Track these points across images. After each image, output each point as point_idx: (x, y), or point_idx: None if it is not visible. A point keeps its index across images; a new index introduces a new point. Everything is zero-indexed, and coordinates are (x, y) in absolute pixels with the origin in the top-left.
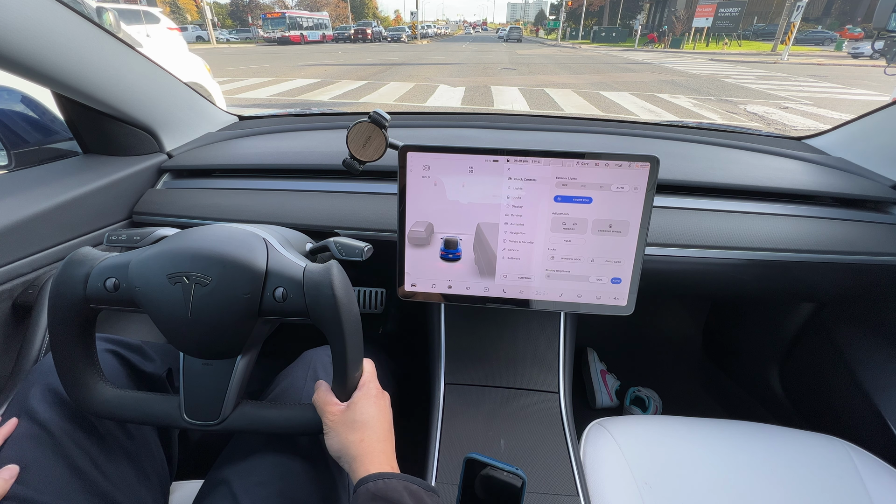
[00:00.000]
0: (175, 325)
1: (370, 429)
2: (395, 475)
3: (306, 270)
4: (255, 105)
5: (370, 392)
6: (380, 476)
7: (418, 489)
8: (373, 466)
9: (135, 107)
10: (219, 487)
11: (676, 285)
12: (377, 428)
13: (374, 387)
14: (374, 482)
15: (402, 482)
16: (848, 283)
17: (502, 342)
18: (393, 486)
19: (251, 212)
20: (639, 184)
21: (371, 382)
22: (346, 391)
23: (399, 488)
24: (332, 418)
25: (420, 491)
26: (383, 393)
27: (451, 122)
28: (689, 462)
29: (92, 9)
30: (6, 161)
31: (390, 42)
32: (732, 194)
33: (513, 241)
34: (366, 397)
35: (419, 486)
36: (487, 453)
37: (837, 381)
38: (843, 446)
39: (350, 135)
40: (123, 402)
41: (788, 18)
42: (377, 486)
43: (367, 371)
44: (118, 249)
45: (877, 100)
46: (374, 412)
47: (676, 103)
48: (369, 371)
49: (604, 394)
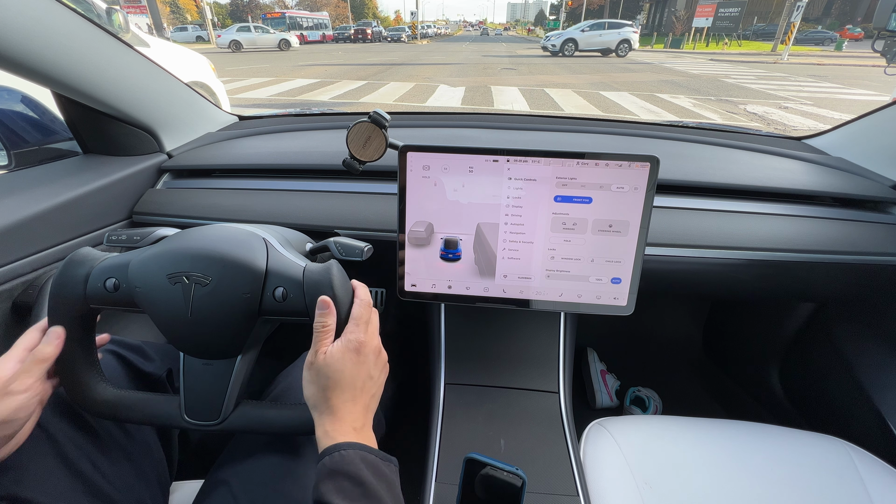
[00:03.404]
0: (175, 325)
1: (339, 387)
2: (351, 445)
3: (306, 270)
4: (255, 105)
5: (349, 344)
6: (336, 448)
7: (375, 459)
8: (334, 428)
9: (135, 107)
10: (219, 488)
11: (676, 285)
12: (347, 387)
13: (356, 338)
14: (331, 456)
15: (358, 452)
16: (848, 283)
17: (502, 342)
18: (350, 458)
19: (251, 212)
20: (639, 184)
21: (354, 332)
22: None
23: (356, 460)
24: (306, 366)
25: (377, 461)
26: (369, 345)
27: (451, 122)
28: (689, 462)
29: (101, 9)
30: (6, 161)
31: (390, 42)
32: (732, 194)
33: (513, 241)
34: (343, 350)
35: (376, 457)
36: (487, 453)
37: (837, 381)
38: (843, 446)
39: (350, 135)
40: (123, 402)
41: (788, 18)
42: (333, 459)
43: (353, 315)
44: (118, 249)
45: (877, 100)
46: (347, 369)
47: (676, 103)
48: (355, 316)
49: (604, 394)
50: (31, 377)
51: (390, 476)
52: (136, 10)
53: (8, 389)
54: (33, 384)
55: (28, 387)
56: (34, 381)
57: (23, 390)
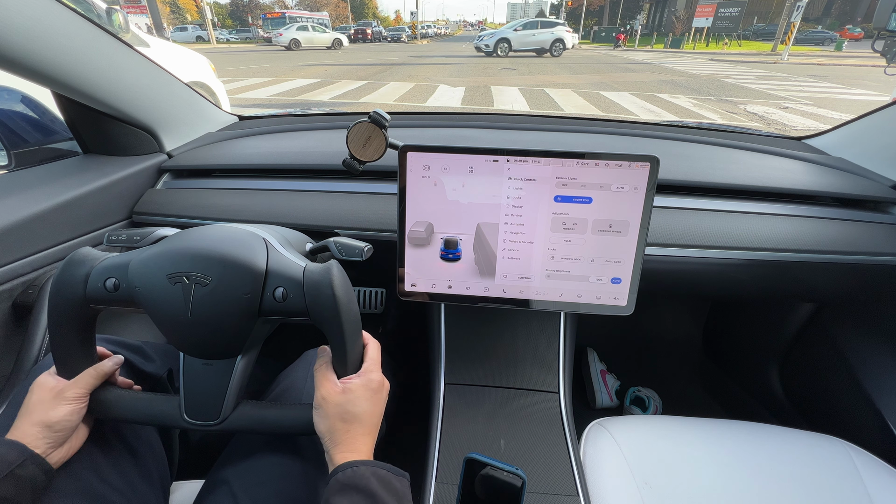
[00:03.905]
0: (175, 325)
1: (359, 422)
2: (364, 462)
3: (306, 270)
4: (255, 105)
5: (370, 384)
6: (349, 465)
7: (387, 474)
8: (350, 456)
9: (135, 107)
10: (219, 487)
11: (676, 285)
12: (366, 422)
13: (376, 379)
14: (344, 472)
15: (370, 468)
16: (848, 283)
17: (502, 342)
18: (360, 473)
19: (251, 212)
20: (639, 184)
21: (374, 372)
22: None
23: (367, 474)
24: (326, 397)
25: (388, 476)
26: (383, 384)
27: (451, 122)
28: (689, 462)
29: (101, 9)
30: (6, 161)
31: (390, 42)
32: (732, 194)
33: (513, 241)
34: (365, 389)
35: (388, 472)
36: (487, 453)
37: (837, 381)
38: (843, 446)
39: (350, 135)
40: (123, 402)
41: (788, 18)
42: (346, 475)
43: (371, 357)
44: (118, 249)
45: (877, 100)
46: (367, 407)
47: (676, 103)
48: (373, 357)
49: (604, 394)
50: (83, 388)
51: (401, 489)
52: (136, 10)
53: (63, 396)
54: (85, 395)
55: (78, 396)
56: (86, 391)
57: (73, 398)
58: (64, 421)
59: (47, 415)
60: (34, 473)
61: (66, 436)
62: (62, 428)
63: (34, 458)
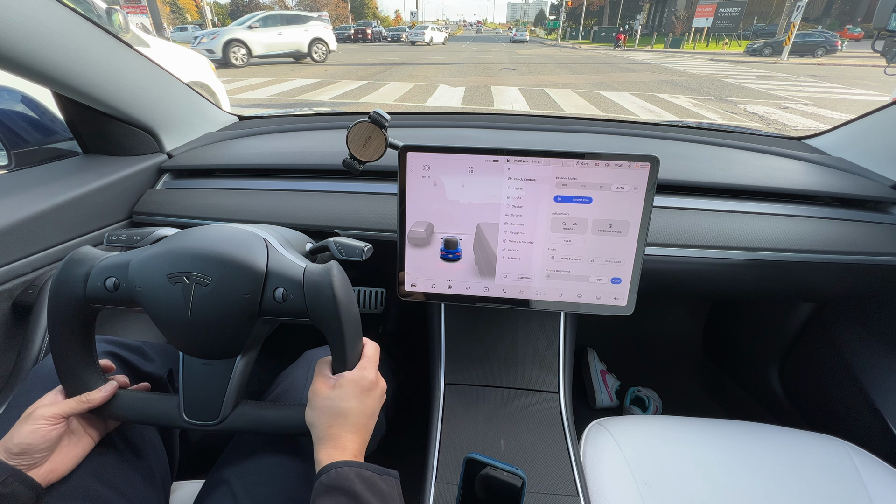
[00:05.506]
0: (175, 325)
1: (345, 418)
2: (349, 463)
3: (306, 271)
4: (255, 105)
5: (362, 381)
6: (332, 466)
7: (371, 475)
8: (335, 454)
9: (135, 107)
10: (219, 487)
11: (676, 285)
12: (353, 420)
13: (368, 377)
14: (327, 473)
15: (353, 469)
16: (848, 283)
17: (502, 342)
18: (344, 475)
19: (251, 212)
20: (639, 184)
21: (368, 369)
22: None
23: (351, 476)
24: (316, 391)
25: (373, 476)
26: (377, 384)
27: (451, 122)
28: (689, 462)
29: (101, 9)
30: (6, 161)
31: (390, 42)
32: (732, 194)
33: (513, 241)
34: (355, 385)
35: (373, 472)
36: (487, 453)
37: (837, 381)
38: (843, 446)
39: (350, 135)
40: (123, 402)
41: (788, 18)
42: (329, 476)
43: (367, 356)
44: (118, 249)
45: (877, 100)
46: (355, 404)
47: (676, 103)
48: (369, 356)
49: (604, 394)
50: (56, 409)
51: (387, 490)
52: (136, 10)
53: (31, 415)
54: (58, 418)
55: (49, 417)
56: (59, 414)
57: (42, 418)
58: (24, 443)
59: (11, 434)
60: (18, 491)
61: (37, 455)
62: (22, 451)
63: (17, 474)
